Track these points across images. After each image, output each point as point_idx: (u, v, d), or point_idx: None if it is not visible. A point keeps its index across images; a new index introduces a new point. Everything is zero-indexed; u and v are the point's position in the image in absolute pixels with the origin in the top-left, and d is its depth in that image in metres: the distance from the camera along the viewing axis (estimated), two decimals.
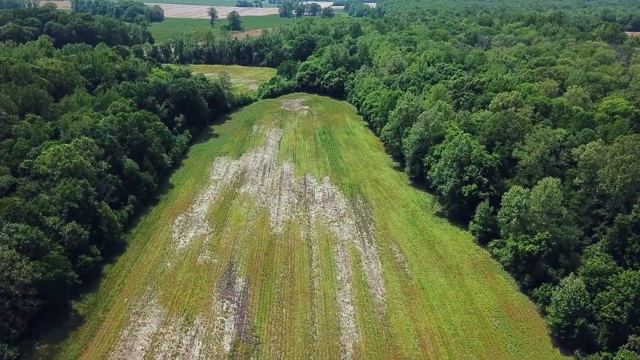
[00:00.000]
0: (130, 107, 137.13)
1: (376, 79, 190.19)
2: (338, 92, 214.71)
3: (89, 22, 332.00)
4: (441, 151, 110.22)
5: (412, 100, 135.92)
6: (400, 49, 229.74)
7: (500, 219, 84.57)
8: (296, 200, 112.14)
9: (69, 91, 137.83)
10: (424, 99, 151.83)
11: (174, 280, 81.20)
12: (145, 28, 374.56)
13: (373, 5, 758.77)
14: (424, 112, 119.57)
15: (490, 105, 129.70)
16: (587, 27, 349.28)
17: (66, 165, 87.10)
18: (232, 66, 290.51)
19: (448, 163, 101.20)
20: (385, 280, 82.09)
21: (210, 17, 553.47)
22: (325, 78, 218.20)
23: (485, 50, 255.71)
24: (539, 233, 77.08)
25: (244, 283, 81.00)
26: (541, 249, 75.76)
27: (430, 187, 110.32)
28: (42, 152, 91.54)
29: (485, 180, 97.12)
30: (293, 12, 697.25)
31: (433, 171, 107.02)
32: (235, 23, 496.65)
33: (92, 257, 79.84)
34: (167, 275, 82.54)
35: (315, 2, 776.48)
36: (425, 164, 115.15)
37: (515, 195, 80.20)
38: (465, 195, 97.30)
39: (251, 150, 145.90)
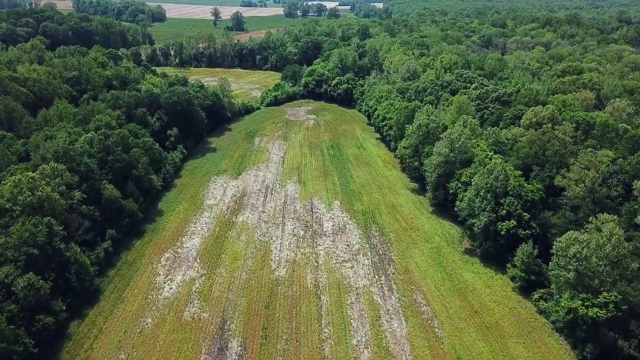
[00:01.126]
0: (118, 120, 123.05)
1: (388, 86, 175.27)
2: (346, 100, 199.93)
3: (86, 23, 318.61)
4: (470, 177, 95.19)
5: (432, 114, 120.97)
6: (413, 53, 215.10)
7: (552, 272, 69.44)
8: (302, 232, 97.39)
9: (52, 102, 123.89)
10: (444, 111, 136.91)
11: (153, 344, 66.60)
12: (145, 29, 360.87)
13: (379, 5, 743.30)
14: (448, 131, 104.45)
15: (522, 121, 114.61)
16: (607, 29, 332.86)
17: (28, 199, 72.76)
18: (234, 70, 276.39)
19: (481, 194, 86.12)
20: (412, 345, 67.22)
21: (213, 18, 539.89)
22: (332, 84, 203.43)
23: (503, 54, 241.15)
24: (604, 293, 62.06)
25: (239, 348, 66.31)
26: (608, 314, 60.73)
27: (459, 219, 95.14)
28: (2, 182, 77.24)
29: (526, 215, 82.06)
30: (298, 13, 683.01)
31: (462, 201, 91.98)
32: (238, 24, 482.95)
33: (54, 316, 65.37)
34: (145, 336, 67.95)
35: (321, 3, 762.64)
36: (450, 191, 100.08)
37: (573, 244, 65.11)
38: (502, 233, 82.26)
39: (252, 168, 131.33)
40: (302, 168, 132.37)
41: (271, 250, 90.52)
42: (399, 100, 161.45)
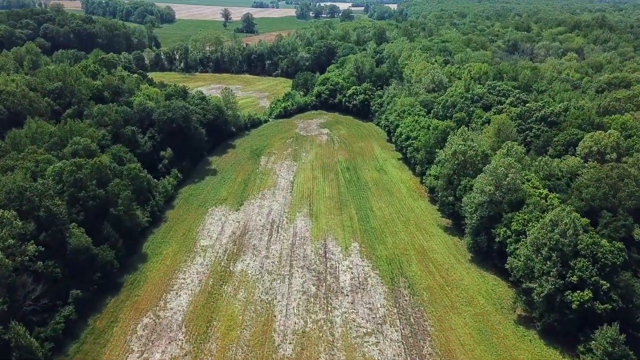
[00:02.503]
0: (102, 141, 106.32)
1: (411, 99, 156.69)
2: (363, 112, 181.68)
3: (89, 25, 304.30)
4: (524, 225, 76.53)
5: (468, 138, 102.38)
6: (436, 60, 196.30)
7: None
8: (313, 289, 79.32)
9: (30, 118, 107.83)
10: (479, 131, 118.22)
11: None
12: (151, 31, 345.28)
13: (394, 7, 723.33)
14: (492, 164, 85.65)
15: (578, 149, 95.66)
16: None
17: None
18: (242, 76, 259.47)
19: (543, 252, 67.36)
20: None
21: (223, 19, 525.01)
22: (347, 95, 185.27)
23: (532, 61, 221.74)
24: None
25: None
26: None
27: (511, 278, 76.27)
28: None
29: (604, 284, 63.28)
30: (310, 14, 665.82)
31: (514, 256, 73.22)
32: (248, 25, 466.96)
33: None
34: None
35: (334, 4, 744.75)
36: (497, 238, 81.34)
37: None
38: (572, 306, 63.52)
39: (256, 196, 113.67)
40: (313, 196, 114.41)
41: (275, 316, 72.57)
42: (424, 117, 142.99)
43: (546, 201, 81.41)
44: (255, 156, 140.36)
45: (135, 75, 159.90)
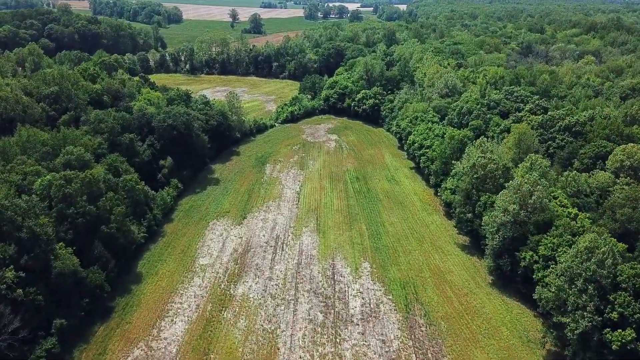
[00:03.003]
0: (99, 150, 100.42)
1: (423, 104, 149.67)
2: (373, 117, 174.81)
3: (94, 26, 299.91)
4: (553, 250, 69.44)
5: (488, 149, 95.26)
6: (449, 63, 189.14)
7: None
8: (320, 317, 72.66)
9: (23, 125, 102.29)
10: (498, 142, 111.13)
11: None
12: (157, 32, 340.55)
13: (403, 7, 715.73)
14: (516, 181, 78.52)
15: (608, 163, 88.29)
16: None
17: None
18: (249, 78, 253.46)
19: (578, 284, 60.21)
20: None
21: (231, 20, 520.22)
22: (357, 99, 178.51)
23: (546, 63, 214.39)
24: None
25: None
26: None
27: (540, 310, 68.96)
28: None
29: None
30: (319, 14, 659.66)
31: (546, 287, 66.02)
32: (256, 26, 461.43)
33: None
34: None
35: (342, 4, 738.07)
36: (522, 263, 74.25)
37: None
38: (612, 347, 56.41)
39: (260, 208, 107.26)
40: (321, 209, 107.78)
41: (278, 348, 65.98)
42: (438, 124, 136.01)
43: (576, 222, 74.17)
44: (260, 164, 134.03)
45: (137, 78, 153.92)
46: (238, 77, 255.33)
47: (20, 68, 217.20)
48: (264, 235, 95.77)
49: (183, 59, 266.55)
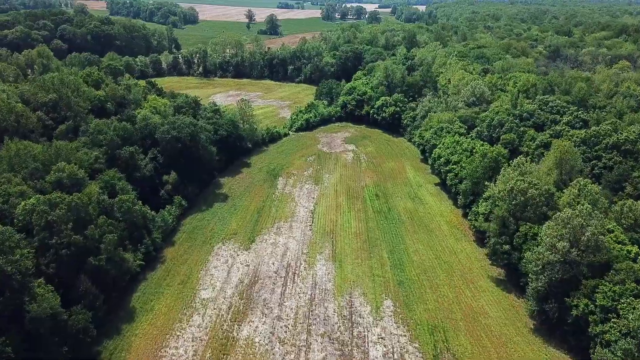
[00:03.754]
0: (95, 165, 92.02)
1: (449, 114, 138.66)
2: (393, 126, 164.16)
3: (107, 27, 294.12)
4: (614, 300, 58.37)
5: (527, 170, 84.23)
6: (474, 69, 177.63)
7: None
8: None
9: (17, 137, 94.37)
10: (533, 157, 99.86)
11: None
12: (171, 33, 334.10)
13: (422, 8, 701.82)
14: (566, 213, 67.41)
15: None
16: None
17: None
18: (263, 82, 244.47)
19: None
20: None
21: (247, 20, 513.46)
22: (376, 106, 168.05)
23: (576, 68, 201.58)
24: None
25: None
26: None
27: None
28: None
29: None
30: (336, 15, 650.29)
31: (609, 349, 55.00)
32: (272, 27, 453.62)
33: None
34: None
35: (360, 5, 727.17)
36: (573, 311, 63.23)
37: None
38: None
39: (270, 230, 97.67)
40: (337, 232, 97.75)
41: None
42: (465, 136, 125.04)
43: (637, 264, 62.95)
44: (272, 177, 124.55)
45: (143, 83, 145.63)
46: (252, 80, 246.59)
47: (30, 70, 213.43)
48: (273, 263, 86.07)
49: (196, 62, 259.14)
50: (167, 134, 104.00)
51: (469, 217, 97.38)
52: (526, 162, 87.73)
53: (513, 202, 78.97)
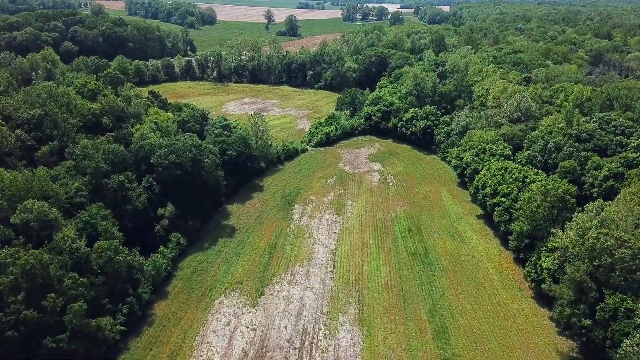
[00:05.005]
0: (75, 198, 76.93)
1: (491, 132, 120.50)
2: (424, 142, 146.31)
3: (120, 28, 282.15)
4: None
5: (609, 218, 66.14)
6: (514, 77, 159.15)
7: None
8: None
9: None
10: (602, 193, 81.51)
11: None
12: (186, 34, 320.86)
13: (446, 9, 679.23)
14: None
15: None
16: None
17: None
18: (281, 88, 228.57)
19: None
20: None
21: (266, 21, 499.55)
22: (405, 119, 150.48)
23: (625, 76, 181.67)
24: None
25: None
26: None
27: None
28: None
29: None
30: (357, 16, 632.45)
31: None
32: (292, 28, 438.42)
33: None
34: None
35: (382, 5, 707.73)
36: None
37: None
38: None
39: (283, 278, 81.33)
40: (364, 282, 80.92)
41: None
42: (514, 161, 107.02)
43: None
44: (287, 204, 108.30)
45: (146, 94, 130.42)
46: (269, 86, 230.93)
47: (34, 74, 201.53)
48: (286, 327, 69.63)
49: (210, 66, 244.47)
50: (165, 159, 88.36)
51: (526, 268, 79.33)
52: (610, 207, 69.37)
53: (594, 263, 61.05)
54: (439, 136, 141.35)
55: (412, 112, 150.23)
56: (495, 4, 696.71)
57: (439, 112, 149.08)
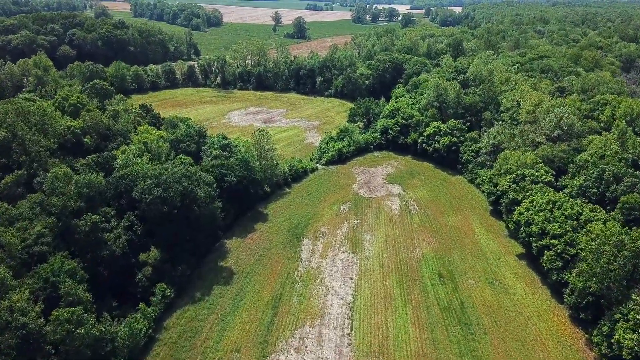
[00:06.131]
0: (33, 248, 62.45)
1: (530, 154, 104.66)
2: (448, 159, 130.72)
3: (120, 31, 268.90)
4: None
5: None
6: (546, 88, 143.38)
7: None
8: None
9: None
10: None
11: None
12: (189, 37, 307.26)
13: (457, 10, 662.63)
14: None
15: None
16: None
17: None
18: (288, 95, 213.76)
19: None
20: None
21: (273, 23, 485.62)
22: (426, 134, 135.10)
23: None
24: None
25: None
26: None
27: None
28: None
29: None
30: (367, 17, 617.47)
31: None
32: (300, 30, 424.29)
33: None
34: None
35: (392, 7, 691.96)
36: None
37: None
38: None
39: (289, 344, 66.27)
40: (389, 351, 65.64)
41: None
42: (557, 188, 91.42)
43: None
44: (295, 239, 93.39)
45: (136, 108, 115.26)
46: (276, 93, 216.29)
47: (25, 80, 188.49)
48: None
49: (214, 71, 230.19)
50: (149, 194, 73.58)
51: (595, 338, 63.41)
52: None
53: None
54: (465, 155, 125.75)
55: (434, 127, 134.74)
56: (509, 4, 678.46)
57: (464, 127, 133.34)
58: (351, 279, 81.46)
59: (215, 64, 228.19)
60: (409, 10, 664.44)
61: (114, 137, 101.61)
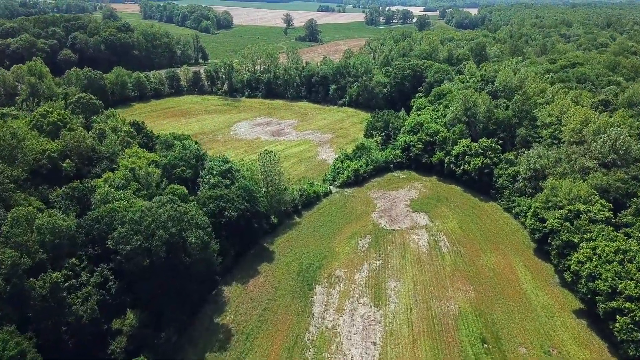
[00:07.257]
0: None
1: (582, 184, 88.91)
2: (481, 183, 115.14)
3: (124, 35, 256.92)
4: None
5: None
6: (586, 100, 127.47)
7: None
8: None
9: None
10: None
11: None
12: (197, 41, 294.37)
13: (473, 12, 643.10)
14: None
15: None
16: None
17: None
18: (299, 104, 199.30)
19: None
20: None
21: (284, 25, 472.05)
22: (454, 154, 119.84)
23: None
24: None
25: None
26: None
27: None
28: None
29: None
30: (380, 20, 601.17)
31: None
32: (312, 33, 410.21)
33: None
34: None
35: (406, 8, 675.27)
36: None
37: None
38: None
39: None
40: None
41: None
42: (620, 229, 75.55)
43: None
44: (306, 286, 78.79)
45: (127, 126, 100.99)
46: (286, 102, 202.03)
47: (19, 87, 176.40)
48: None
49: (221, 77, 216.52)
50: (127, 244, 59.22)
51: None
52: None
53: None
54: (501, 179, 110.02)
55: (463, 145, 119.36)
56: (527, 6, 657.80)
57: (499, 146, 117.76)
58: (374, 343, 66.61)
59: (222, 69, 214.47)
60: (424, 12, 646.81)
61: (98, 161, 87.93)
